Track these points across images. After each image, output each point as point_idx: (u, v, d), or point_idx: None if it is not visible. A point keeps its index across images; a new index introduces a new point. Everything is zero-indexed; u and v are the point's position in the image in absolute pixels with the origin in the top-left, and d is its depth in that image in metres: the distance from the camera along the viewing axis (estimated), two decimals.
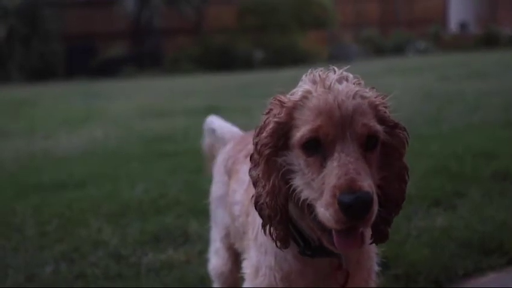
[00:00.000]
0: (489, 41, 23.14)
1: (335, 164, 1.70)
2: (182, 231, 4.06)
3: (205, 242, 3.85)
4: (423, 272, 3.30)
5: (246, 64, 19.31)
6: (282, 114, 1.83)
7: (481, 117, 7.82)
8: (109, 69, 18.48)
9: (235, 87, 13.39)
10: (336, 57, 20.49)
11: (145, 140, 7.60)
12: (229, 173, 2.48)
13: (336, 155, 1.71)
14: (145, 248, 3.85)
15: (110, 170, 6.08)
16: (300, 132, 1.77)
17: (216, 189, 2.68)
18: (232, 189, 2.37)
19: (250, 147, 2.03)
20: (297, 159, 1.79)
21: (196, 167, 5.93)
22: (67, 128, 8.91)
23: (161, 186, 5.21)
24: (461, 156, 5.64)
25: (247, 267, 2.10)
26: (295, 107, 1.83)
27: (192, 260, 3.62)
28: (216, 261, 2.71)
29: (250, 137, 2.44)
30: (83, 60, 19.10)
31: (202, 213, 4.37)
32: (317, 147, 1.76)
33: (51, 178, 5.83)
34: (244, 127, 8.42)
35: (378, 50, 22.53)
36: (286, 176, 1.82)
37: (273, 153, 1.83)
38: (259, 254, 2.03)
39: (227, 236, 2.57)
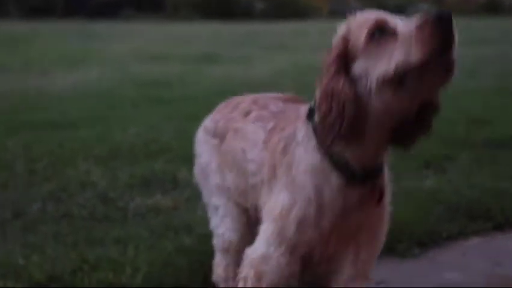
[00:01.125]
0: (492, 7, 23.01)
1: (408, 23, 1.82)
2: (171, 177, 4.07)
3: (194, 189, 3.86)
4: (408, 232, 3.32)
5: (246, 14, 19.18)
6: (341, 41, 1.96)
7: (477, 83, 7.81)
8: (108, 11, 18.33)
9: (235, 36, 13.31)
10: (337, 12, 20.35)
11: (140, 84, 7.57)
12: (222, 134, 2.46)
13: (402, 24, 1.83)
14: (133, 192, 3.85)
15: (103, 112, 6.07)
16: (363, 29, 1.90)
17: (204, 158, 2.60)
18: (240, 148, 2.33)
19: (243, 106, 2.16)
20: (367, 57, 1.88)
21: (190, 113, 5.92)
22: (62, 67, 8.87)
23: (153, 131, 5.20)
24: (454, 120, 5.64)
25: (275, 208, 2.08)
26: (348, 30, 1.98)
27: (179, 206, 3.63)
28: (224, 227, 2.53)
29: (235, 100, 2.44)
30: (83, 0, 18.93)
31: (193, 161, 4.38)
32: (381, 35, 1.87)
33: (44, 116, 5.82)
34: (242, 76, 8.35)
35: (380, 8, 22.35)
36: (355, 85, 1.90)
37: (340, 66, 1.92)
38: (294, 189, 2.03)
39: (232, 196, 2.49)
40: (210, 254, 2.62)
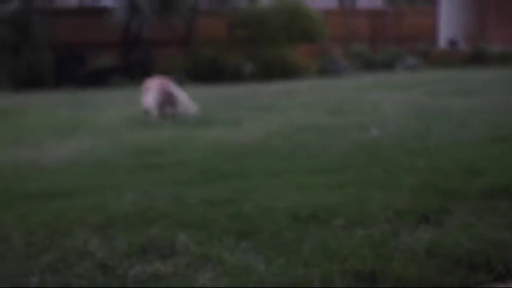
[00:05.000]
0: (477, 58, 23.26)
1: None
2: (169, 244, 4.05)
3: (193, 255, 3.85)
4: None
5: (235, 76, 19.31)
6: None
7: (469, 133, 7.86)
8: (98, 79, 18.43)
9: (225, 99, 13.39)
10: (326, 71, 20.54)
11: (133, 150, 7.58)
12: None
13: None
14: (132, 260, 3.84)
15: (97, 181, 6.06)
16: None
17: None
18: None
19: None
20: None
21: (183, 178, 5.94)
22: (55, 138, 8.87)
23: (148, 198, 5.19)
24: (449, 172, 5.66)
25: None
26: None
27: (179, 272, 3.61)
28: None
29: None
30: (73, 70, 19.03)
31: (190, 226, 4.38)
32: None
33: (39, 187, 5.80)
34: (234, 139, 8.45)
35: (368, 65, 22.58)
36: None
37: None
38: None
39: None
40: None
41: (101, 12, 19.88)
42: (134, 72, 19.07)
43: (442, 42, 26.34)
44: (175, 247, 4.00)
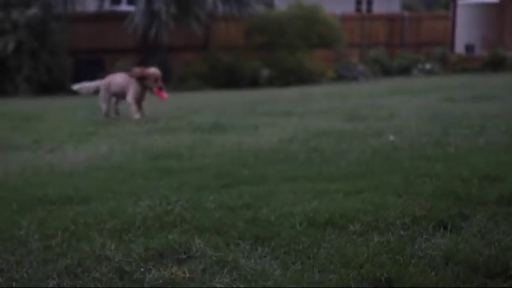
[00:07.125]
0: (495, 63, 23.18)
1: None
2: (186, 249, 4.06)
3: (210, 260, 3.85)
4: None
5: (252, 82, 19.34)
6: None
7: (486, 139, 7.82)
8: None
9: (242, 104, 13.41)
10: (343, 76, 20.53)
11: (151, 155, 7.61)
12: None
13: None
14: (149, 264, 3.85)
15: (115, 185, 6.08)
16: None
17: None
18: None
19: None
20: None
21: (200, 184, 5.94)
22: (73, 142, 8.92)
23: (165, 203, 5.20)
24: (467, 178, 5.64)
25: None
26: None
27: (196, 277, 3.62)
28: None
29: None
30: (91, 75, 19.10)
31: (207, 231, 4.38)
32: None
33: (57, 192, 5.83)
34: (251, 144, 8.44)
35: (385, 71, 22.55)
36: None
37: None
38: None
39: None
40: None
41: (119, 18, 19.97)
42: None
43: (459, 47, 26.26)
44: (192, 252, 4.01)
